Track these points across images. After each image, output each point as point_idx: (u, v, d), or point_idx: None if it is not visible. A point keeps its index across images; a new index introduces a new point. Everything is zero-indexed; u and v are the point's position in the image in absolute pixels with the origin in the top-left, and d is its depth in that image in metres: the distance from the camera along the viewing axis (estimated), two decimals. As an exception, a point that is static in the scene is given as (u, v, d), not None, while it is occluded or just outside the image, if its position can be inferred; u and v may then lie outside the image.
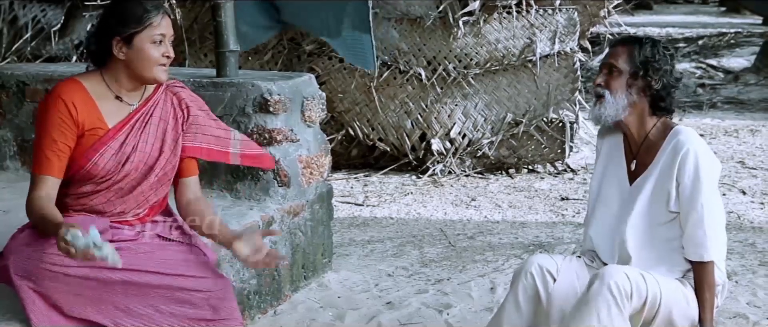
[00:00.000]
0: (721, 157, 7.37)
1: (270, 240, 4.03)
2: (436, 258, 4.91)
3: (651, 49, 3.13)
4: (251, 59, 7.12)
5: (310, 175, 4.30)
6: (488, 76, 6.95)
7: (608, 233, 3.22)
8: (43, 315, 2.84)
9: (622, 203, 3.20)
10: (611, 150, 3.29)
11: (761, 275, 4.40)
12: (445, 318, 4.04)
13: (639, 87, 3.13)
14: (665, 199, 3.09)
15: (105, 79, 2.97)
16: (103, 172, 2.93)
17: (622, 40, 3.22)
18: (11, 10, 7.53)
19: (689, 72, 12.12)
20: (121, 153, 2.95)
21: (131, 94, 3.00)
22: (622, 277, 2.97)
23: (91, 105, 2.93)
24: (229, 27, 4.22)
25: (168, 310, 2.92)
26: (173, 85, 3.10)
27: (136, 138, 2.97)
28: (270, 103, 4.08)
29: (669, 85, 3.15)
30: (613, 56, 3.18)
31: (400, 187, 6.70)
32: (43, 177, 2.89)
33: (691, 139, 3.08)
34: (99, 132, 2.93)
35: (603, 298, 2.95)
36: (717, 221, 3.07)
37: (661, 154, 3.11)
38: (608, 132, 3.30)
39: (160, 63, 2.93)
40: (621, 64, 3.13)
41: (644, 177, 3.15)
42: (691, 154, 3.03)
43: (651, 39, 3.20)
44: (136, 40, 2.90)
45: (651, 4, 22.30)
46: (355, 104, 7.05)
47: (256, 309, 3.99)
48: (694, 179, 3.02)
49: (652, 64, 3.12)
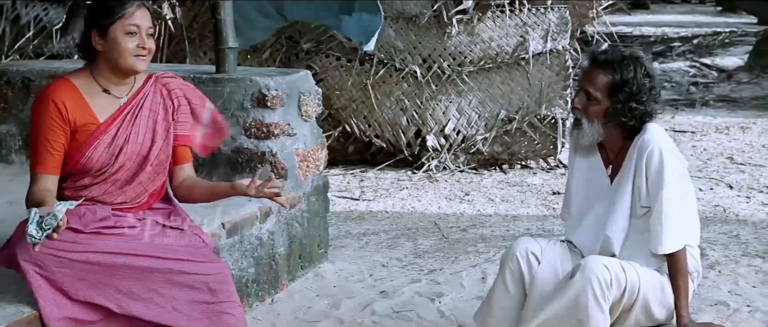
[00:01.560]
0: (710, 153, 7.53)
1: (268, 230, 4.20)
2: (430, 249, 5.05)
3: (631, 73, 3.12)
4: (250, 57, 7.25)
5: (307, 168, 4.44)
6: (482, 74, 7.09)
7: (592, 231, 3.34)
8: (50, 298, 2.97)
9: (603, 202, 3.32)
10: (588, 153, 3.37)
11: (743, 265, 4.53)
12: (437, 306, 4.17)
13: (615, 115, 3.16)
14: (638, 195, 3.21)
15: (93, 74, 3.08)
16: (98, 164, 3.05)
17: (600, 62, 3.19)
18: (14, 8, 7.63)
19: (683, 71, 12.28)
20: (114, 145, 3.06)
21: (119, 88, 3.10)
22: (602, 269, 3.09)
23: (82, 102, 3.04)
24: (228, 24, 4.35)
25: (169, 293, 3.04)
26: (163, 77, 3.21)
27: (127, 130, 3.07)
28: (268, 98, 4.21)
29: (647, 111, 3.16)
30: (589, 81, 3.18)
31: (396, 182, 6.84)
32: (40, 174, 3.02)
33: (656, 137, 3.18)
34: (91, 127, 3.04)
35: (585, 290, 3.08)
36: (677, 216, 3.17)
37: (631, 153, 3.22)
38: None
39: (135, 54, 3.02)
40: (598, 93, 3.15)
41: (620, 175, 3.27)
42: (656, 151, 3.13)
43: (631, 59, 3.16)
44: (110, 30, 3.00)
45: (648, 4, 22.42)
46: (351, 101, 7.18)
47: (254, 297, 4.12)
48: (657, 175, 3.13)
49: (631, 92, 3.11)
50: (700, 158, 7.41)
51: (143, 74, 3.15)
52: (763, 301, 4.06)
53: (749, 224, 5.39)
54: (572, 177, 3.48)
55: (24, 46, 7.71)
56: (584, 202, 3.40)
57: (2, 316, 2.91)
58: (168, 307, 3.05)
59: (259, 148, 4.26)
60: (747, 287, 4.25)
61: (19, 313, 2.94)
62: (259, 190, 3.07)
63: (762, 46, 12.26)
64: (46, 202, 2.89)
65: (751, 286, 4.25)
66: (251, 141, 4.26)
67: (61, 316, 2.98)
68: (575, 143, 3.35)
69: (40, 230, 2.75)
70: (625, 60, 3.15)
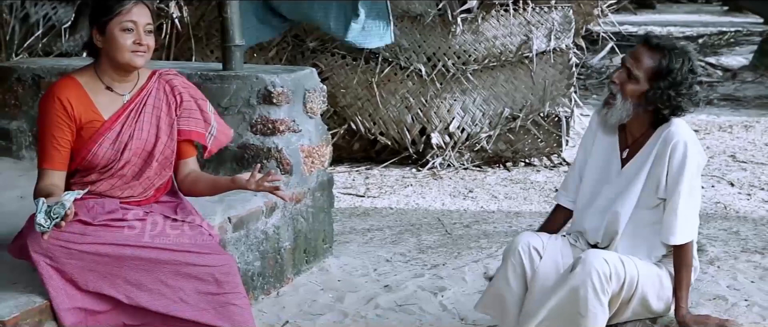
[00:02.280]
0: (713, 151, 7.57)
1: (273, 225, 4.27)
2: (433, 245, 5.11)
3: (678, 63, 3.12)
4: (257, 55, 7.31)
5: (312, 163, 4.50)
6: (486, 72, 7.14)
7: (599, 212, 3.38)
8: (60, 289, 3.05)
9: (614, 186, 3.36)
10: (609, 134, 3.39)
11: (742, 261, 4.59)
12: (440, 300, 4.24)
13: (651, 100, 3.18)
14: (655, 186, 3.25)
15: (97, 71, 3.17)
16: (104, 160, 3.13)
17: (651, 45, 3.18)
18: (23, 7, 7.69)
19: (688, 70, 12.30)
20: (119, 142, 3.14)
21: (123, 85, 3.18)
22: (601, 262, 3.15)
23: (86, 99, 3.12)
24: (234, 23, 4.42)
25: (176, 284, 3.12)
26: (166, 74, 3.29)
27: (131, 127, 3.15)
28: (273, 95, 4.28)
29: (681, 104, 3.18)
30: (635, 60, 3.18)
31: (401, 180, 6.90)
32: (47, 170, 3.10)
33: (682, 130, 3.22)
34: (96, 124, 3.12)
35: (585, 284, 3.13)
36: (691, 209, 3.24)
37: (653, 142, 3.25)
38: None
39: (132, 50, 3.09)
40: (641, 74, 3.16)
41: (635, 162, 3.30)
42: (681, 144, 3.17)
43: (683, 52, 3.16)
44: (108, 27, 3.08)
45: (654, 3, 22.44)
46: (357, 99, 7.25)
47: (260, 290, 4.19)
48: (679, 168, 3.18)
49: (673, 85, 3.13)
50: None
51: (146, 71, 3.23)
52: (760, 296, 4.13)
53: (749, 221, 5.44)
54: (588, 157, 3.46)
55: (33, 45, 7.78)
56: (595, 185, 3.43)
57: (15, 305, 2.99)
58: (175, 298, 3.12)
59: (264, 144, 4.33)
60: (745, 282, 4.31)
61: (31, 303, 3.02)
62: (258, 184, 3.13)
63: (767, 46, 12.28)
64: (54, 196, 2.96)
65: (749, 282, 4.31)
66: (257, 137, 4.33)
67: (72, 306, 3.06)
68: (602, 121, 3.32)
69: (48, 219, 2.82)
70: (676, 50, 3.16)
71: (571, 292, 3.16)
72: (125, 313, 3.14)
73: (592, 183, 3.44)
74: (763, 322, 3.87)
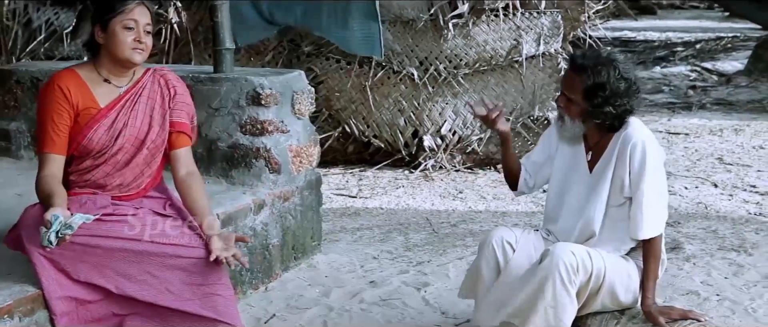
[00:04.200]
0: (701, 154, 7.71)
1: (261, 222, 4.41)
2: (420, 243, 5.26)
3: (604, 77, 3.29)
4: (253, 60, 7.48)
5: (300, 163, 4.65)
6: (477, 76, 7.30)
7: (570, 214, 3.54)
8: (53, 279, 3.21)
9: (584, 188, 3.51)
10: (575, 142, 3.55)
11: (718, 258, 4.72)
12: (422, 295, 4.38)
13: (594, 115, 3.36)
14: (620, 185, 3.40)
15: (96, 66, 3.36)
16: (99, 146, 3.30)
17: (575, 66, 3.38)
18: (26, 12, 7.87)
19: (683, 75, 12.45)
20: (113, 129, 3.32)
21: (120, 78, 3.37)
22: (569, 255, 3.29)
23: (85, 88, 3.31)
24: (225, 27, 4.58)
25: (162, 275, 3.27)
26: (161, 70, 3.49)
27: (126, 116, 3.34)
28: (262, 97, 4.43)
29: (626, 110, 3.35)
30: (567, 85, 3.39)
31: (393, 181, 7.05)
32: (48, 155, 3.27)
33: (638, 131, 3.38)
34: (92, 111, 3.30)
35: (552, 275, 3.28)
36: (656, 204, 3.37)
37: (613, 145, 3.41)
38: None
39: (132, 47, 3.28)
40: (575, 97, 3.36)
41: (601, 165, 3.46)
42: (639, 144, 3.33)
43: (606, 62, 3.32)
44: (110, 25, 3.27)
45: (655, 9, 22.60)
46: (351, 102, 7.40)
47: (248, 285, 4.34)
48: (640, 167, 3.33)
49: (607, 99, 3.30)
50: (690, 159, 7.59)
51: (142, 67, 3.41)
52: (732, 291, 4.26)
53: (728, 220, 5.57)
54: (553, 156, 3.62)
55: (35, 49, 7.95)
56: (563, 187, 3.58)
57: (9, 293, 3.15)
58: (161, 289, 3.27)
59: (253, 144, 4.48)
60: (719, 278, 4.44)
61: (24, 292, 3.18)
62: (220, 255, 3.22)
63: (761, 51, 12.41)
64: (54, 192, 3.13)
65: (723, 278, 4.45)
66: (247, 137, 4.48)
67: (63, 295, 3.21)
68: (559, 135, 3.53)
69: (56, 238, 2.99)
70: (599, 65, 3.32)
71: (539, 283, 3.30)
72: (114, 303, 3.29)
73: (560, 185, 3.59)
74: (733, 315, 4.00)
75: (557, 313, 3.31)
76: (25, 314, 3.14)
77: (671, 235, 5.12)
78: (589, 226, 3.46)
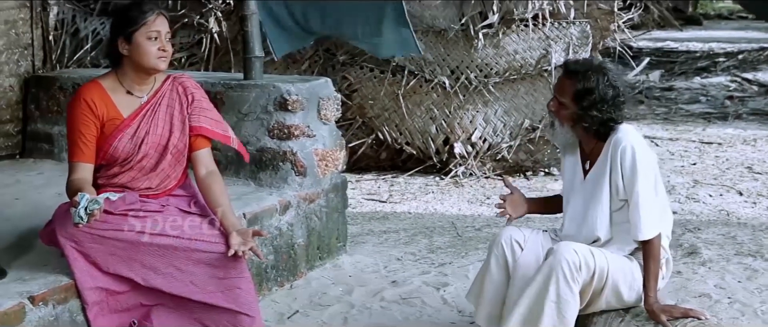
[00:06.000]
0: (731, 163, 7.76)
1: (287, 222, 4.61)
2: (443, 246, 5.42)
3: (593, 83, 3.44)
4: (290, 68, 7.70)
5: (326, 166, 4.84)
6: (507, 85, 7.45)
7: (572, 221, 3.69)
8: (84, 270, 3.44)
9: (583, 196, 3.66)
10: (572, 150, 3.73)
11: (734, 263, 4.80)
12: (441, 294, 4.54)
13: (582, 119, 3.52)
14: (616, 190, 3.54)
15: (118, 77, 3.56)
16: (124, 154, 3.52)
17: (568, 71, 3.55)
18: (73, 22, 8.16)
19: (722, 85, 12.43)
20: (136, 137, 3.53)
21: (141, 88, 3.58)
22: (571, 253, 3.44)
23: (108, 100, 3.52)
24: (254, 36, 4.79)
25: (187, 269, 3.48)
26: (179, 77, 3.68)
27: (148, 124, 3.54)
28: (288, 103, 4.63)
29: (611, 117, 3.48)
30: (559, 89, 3.56)
31: (423, 187, 7.22)
32: (77, 163, 3.49)
33: (627, 135, 3.51)
34: (116, 122, 3.52)
35: (556, 272, 3.43)
36: (652, 205, 3.48)
37: (606, 151, 3.56)
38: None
39: (157, 56, 3.49)
40: (566, 100, 3.52)
41: (595, 172, 3.61)
42: (629, 149, 3.47)
43: (597, 69, 3.48)
44: (134, 37, 3.47)
45: (701, 20, 22.45)
46: (384, 110, 7.59)
47: (274, 282, 4.53)
48: (631, 170, 3.46)
49: (595, 103, 3.45)
50: (720, 167, 7.64)
51: (162, 76, 3.62)
52: (744, 294, 4.34)
53: (748, 227, 5.64)
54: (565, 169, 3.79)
55: (82, 58, 8.23)
56: (568, 196, 3.74)
57: (44, 283, 3.39)
58: (186, 281, 3.49)
59: (280, 148, 4.68)
60: (733, 282, 4.53)
61: (58, 282, 3.42)
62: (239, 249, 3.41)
63: (803, 62, 12.35)
64: (84, 190, 3.33)
65: (736, 282, 4.53)
66: (274, 141, 4.68)
67: (94, 285, 3.44)
68: (552, 139, 3.71)
69: (86, 215, 3.20)
70: (590, 71, 3.49)
71: (543, 281, 3.45)
72: (142, 294, 3.51)
73: (565, 194, 3.75)
74: (742, 317, 4.09)
75: (560, 309, 3.44)
76: (58, 302, 3.38)
77: (690, 240, 5.22)
78: (592, 232, 3.60)
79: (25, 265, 3.57)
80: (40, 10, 5.48)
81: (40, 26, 5.51)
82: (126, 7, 3.53)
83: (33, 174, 5.08)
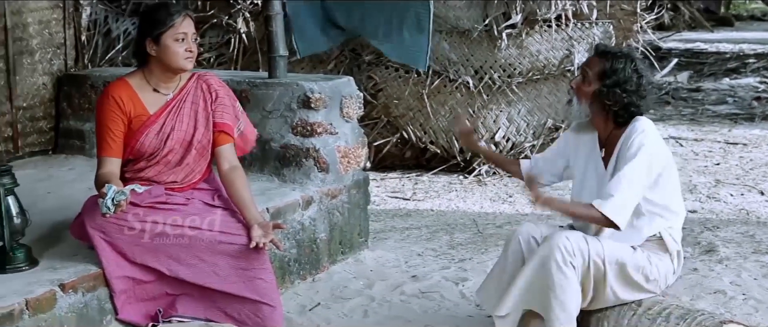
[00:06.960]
0: (755, 163, 7.77)
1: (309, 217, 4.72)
2: (464, 242, 5.51)
3: (621, 64, 3.54)
4: (317, 68, 7.82)
5: (348, 163, 4.95)
6: (530, 85, 7.52)
7: None
8: (112, 259, 3.58)
9: (598, 184, 3.73)
10: (589, 139, 3.77)
11: (751, 261, 4.84)
12: (460, 289, 4.63)
13: (602, 101, 3.59)
14: None
15: (145, 75, 3.70)
16: (150, 149, 3.65)
17: (602, 52, 3.66)
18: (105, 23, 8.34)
19: (751, 86, 12.38)
20: (162, 133, 3.67)
21: (167, 86, 3.72)
22: (563, 239, 3.50)
23: (135, 97, 3.66)
24: (279, 35, 4.91)
25: (211, 260, 3.61)
26: (204, 75, 3.82)
27: (173, 120, 3.68)
28: (311, 100, 4.75)
29: (632, 102, 3.56)
30: (590, 63, 3.65)
31: (447, 185, 7.31)
32: (105, 158, 3.63)
33: (645, 126, 3.58)
34: (143, 118, 3.65)
35: (548, 259, 3.50)
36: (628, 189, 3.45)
37: (623, 141, 3.61)
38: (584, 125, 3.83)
39: (185, 57, 3.63)
40: (592, 76, 3.61)
41: (612, 161, 3.68)
42: (639, 137, 3.53)
43: (627, 56, 3.59)
44: (162, 38, 3.60)
45: (733, 21, 22.33)
46: (408, 110, 7.69)
47: (296, 275, 4.65)
48: (632, 154, 3.50)
49: (618, 83, 3.54)
50: (743, 168, 7.66)
51: (187, 73, 3.75)
52: (759, 291, 4.38)
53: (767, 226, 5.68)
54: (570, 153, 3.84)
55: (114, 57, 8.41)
56: (582, 185, 3.79)
57: (74, 272, 3.54)
58: (209, 272, 3.62)
59: (303, 145, 4.79)
60: (749, 279, 4.56)
61: (87, 270, 3.56)
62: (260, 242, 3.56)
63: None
64: (111, 182, 3.46)
65: (752, 279, 4.57)
66: (297, 138, 4.80)
67: (121, 274, 3.58)
68: (566, 115, 3.79)
69: (113, 205, 3.34)
70: (620, 55, 3.61)
71: (536, 267, 3.52)
72: (167, 284, 3.64)
73: (579, 183, 3.82)
74: (756, 313, 4.14)
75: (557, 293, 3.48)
76: (87, 290, 3.52)
77: (708, 238, 5.26)
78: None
79: (56, 255, 3.72)
80: (72, 11, 5.64)
81: (73, 26, 5.67)
82: (154, 8, 3.66)
83: (65, 169, 5.25)
